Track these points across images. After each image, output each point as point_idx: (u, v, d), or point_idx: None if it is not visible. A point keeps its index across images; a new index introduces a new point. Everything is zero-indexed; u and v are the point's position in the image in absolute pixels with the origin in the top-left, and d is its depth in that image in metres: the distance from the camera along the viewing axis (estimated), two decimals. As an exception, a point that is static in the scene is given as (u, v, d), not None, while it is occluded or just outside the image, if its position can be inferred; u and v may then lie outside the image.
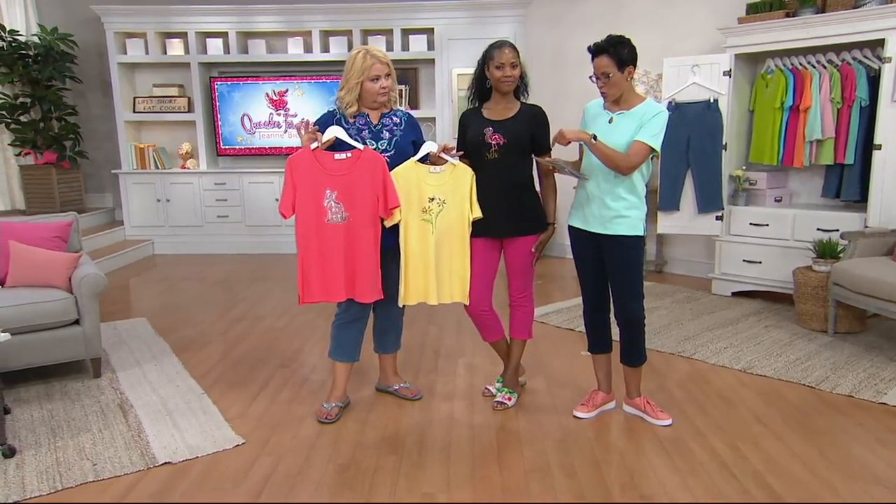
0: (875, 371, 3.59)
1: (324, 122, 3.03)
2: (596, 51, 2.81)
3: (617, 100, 2.90)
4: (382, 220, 2.97)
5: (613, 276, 2.98)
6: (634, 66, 2.84)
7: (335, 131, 2.90)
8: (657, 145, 2.82)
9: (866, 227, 4.37)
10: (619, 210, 2.89)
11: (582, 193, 3.02)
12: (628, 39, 2.80)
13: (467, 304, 3.11)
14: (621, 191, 2.89)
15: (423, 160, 3.01)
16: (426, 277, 3.03)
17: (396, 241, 3.01)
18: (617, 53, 2.77)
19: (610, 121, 2.91)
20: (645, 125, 2.82)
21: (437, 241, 3.01)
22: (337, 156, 2.90)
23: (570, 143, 2.83)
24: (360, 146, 2.92)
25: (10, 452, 2.76)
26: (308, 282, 2.96)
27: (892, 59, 4.20)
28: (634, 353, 3.05)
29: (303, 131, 2.95)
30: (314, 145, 2.89)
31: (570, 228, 3.08)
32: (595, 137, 2.81)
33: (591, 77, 2.88)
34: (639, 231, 2.92)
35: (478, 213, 3.02)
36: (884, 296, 3.70)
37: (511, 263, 3.15)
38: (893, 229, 4.20)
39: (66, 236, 3.93)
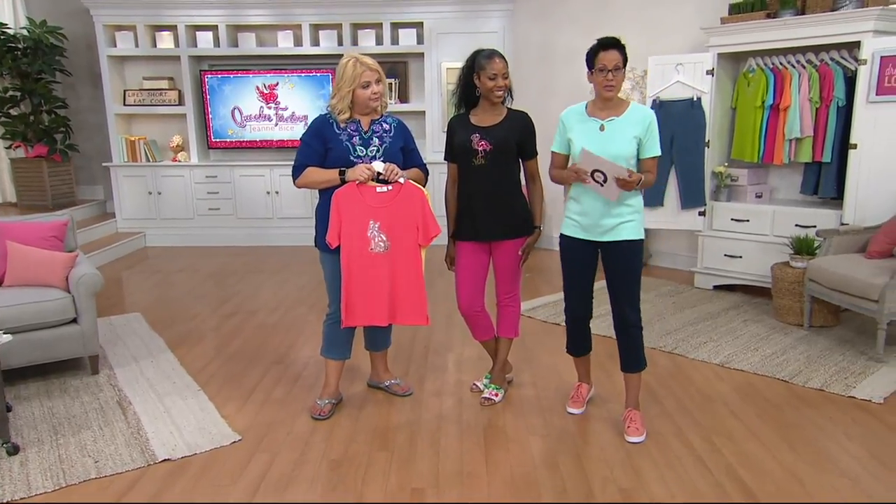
0: (846, 365, 3.74)
1: (316, 128, 3.11)
2: (609, 45, 2.80)
3: (603, 105, 2.88)
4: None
5: (615, 281, 2.96)
6: None
7: (377, 166, 3.00)
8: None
9: (842, 224, 4.51)
10: (625, 215, 2.90)
11: (583, 204, 2.95)
12: None
13: (427, 324, 3.16)
14: (627, 197, 2.89)
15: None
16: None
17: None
18: (624, 50, 2.81)
19: (601, 128, 2.87)
20: (649, 137, 2.85)
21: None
22: (378, 189, 3.02)
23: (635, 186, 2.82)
24: (401, 180, 3.03)
25: (14, 450, 2.85)
26: (351, 306, 3.08)
27: (868, 60, 4.31)
28: (636, 359, 3.01)
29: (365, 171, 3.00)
30: (360, 180, 2.98)
31: (565, 238, 3.04)
32: (640, 179, 2.82)
33: (595, 71, 2.81)
34: (642, 234, 2.95)
35: (434, 230, 3.07)
36: (854, 292, 3.84)
37: (499, 266, 3.26)
38: (867, 227, 4.33)
39: (62, 236, 4.00)
